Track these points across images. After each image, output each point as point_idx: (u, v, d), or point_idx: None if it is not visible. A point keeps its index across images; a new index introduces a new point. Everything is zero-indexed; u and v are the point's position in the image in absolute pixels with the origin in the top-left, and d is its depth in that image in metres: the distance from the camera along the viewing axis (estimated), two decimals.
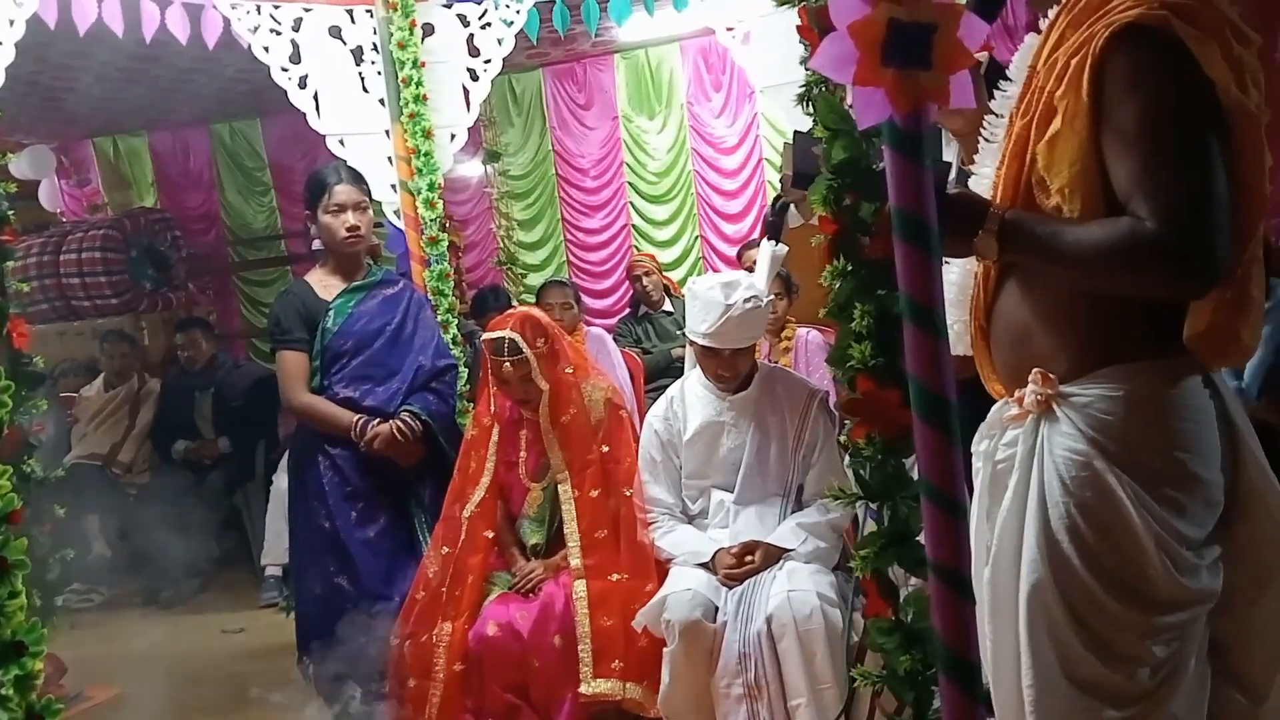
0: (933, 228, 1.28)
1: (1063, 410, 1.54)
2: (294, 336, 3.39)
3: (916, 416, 1.29)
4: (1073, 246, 1.49)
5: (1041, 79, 1.55)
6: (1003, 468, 1.62)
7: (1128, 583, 1.50)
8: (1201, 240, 1.42)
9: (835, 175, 1.76)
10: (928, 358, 1.28)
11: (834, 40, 1.23)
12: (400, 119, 3.95)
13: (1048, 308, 1.57)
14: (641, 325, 5.89)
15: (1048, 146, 1.51)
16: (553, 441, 3.15)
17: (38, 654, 1.92)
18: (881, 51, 1.22)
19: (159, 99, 6.55)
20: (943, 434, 1.29)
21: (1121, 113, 1.46)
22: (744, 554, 2.82)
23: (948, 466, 1.30)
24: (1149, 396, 1.52)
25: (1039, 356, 1.58)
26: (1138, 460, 1.51)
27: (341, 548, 3.27)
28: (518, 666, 2.95)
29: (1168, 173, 1.43)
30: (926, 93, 1.24)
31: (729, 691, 2.65)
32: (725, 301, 2.85)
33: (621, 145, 7.29)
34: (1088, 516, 1.51)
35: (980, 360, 1.70)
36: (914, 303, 1.28)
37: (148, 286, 6.97)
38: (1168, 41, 1.43)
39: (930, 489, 1.29)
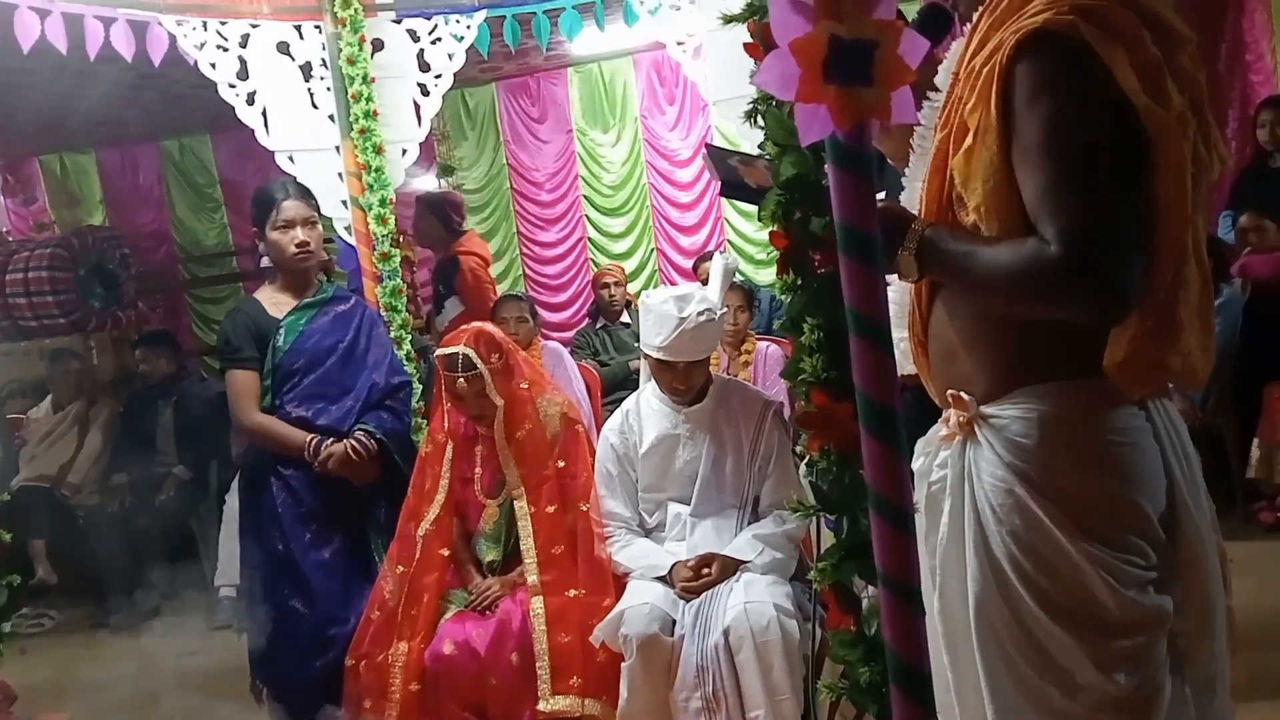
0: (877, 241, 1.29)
1: (983, 433, 1.49)
2: (244, 355, 3.34)
3: (863, 429, 1.29)
4: (982, 268, 1.43)
5: (960, 88, 1.48)
6: (936, 489, 1.57)
7: (1074, 609, 1.44)
8: (1103, 265, 1.34)
9: (785, 190, 1.77)
10: (874, 371, 1.29)
11: (777, 57, 1.24)
12: (351, 134, 3.93)
13: (970, 327, 1.52)
14: (599, 336, 5.89)
15: (963, 161, 1.45)
16: (508, 457, 3.13)
17: None
18: (823, 68, 1.23)
19: (106, 115, 6.47)
20: (889, 446, 1.29)
21: (1026, 127, 1.38)
22: (701, 566, 2.83)
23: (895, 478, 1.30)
24: (1065, 418, 1.45)
25: (962, 377, 1.54)
26: (1059, 485, 1.44)
27: (296, 570, 3.22)
28: (475, 685, 2.92)
29: (1069, 193, 1.36)
30: (868, 109, 1.25)
31: (687, 705, 2.65)
32: (679, 315, 2.86)
33: (576, 158, 7.30)
34: (1021, 545, 1.45)
35: (923, 378, 1.65)
36: (859, 316, 1.29)
37: (96, 305, 6.84)
38: (1075, 49, 1.35)
39: (878, 501, 1.29)
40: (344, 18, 3.89)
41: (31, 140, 7.25)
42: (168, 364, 6.16)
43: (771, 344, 4.35)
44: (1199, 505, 1.52)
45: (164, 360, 6.15)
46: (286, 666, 3.20)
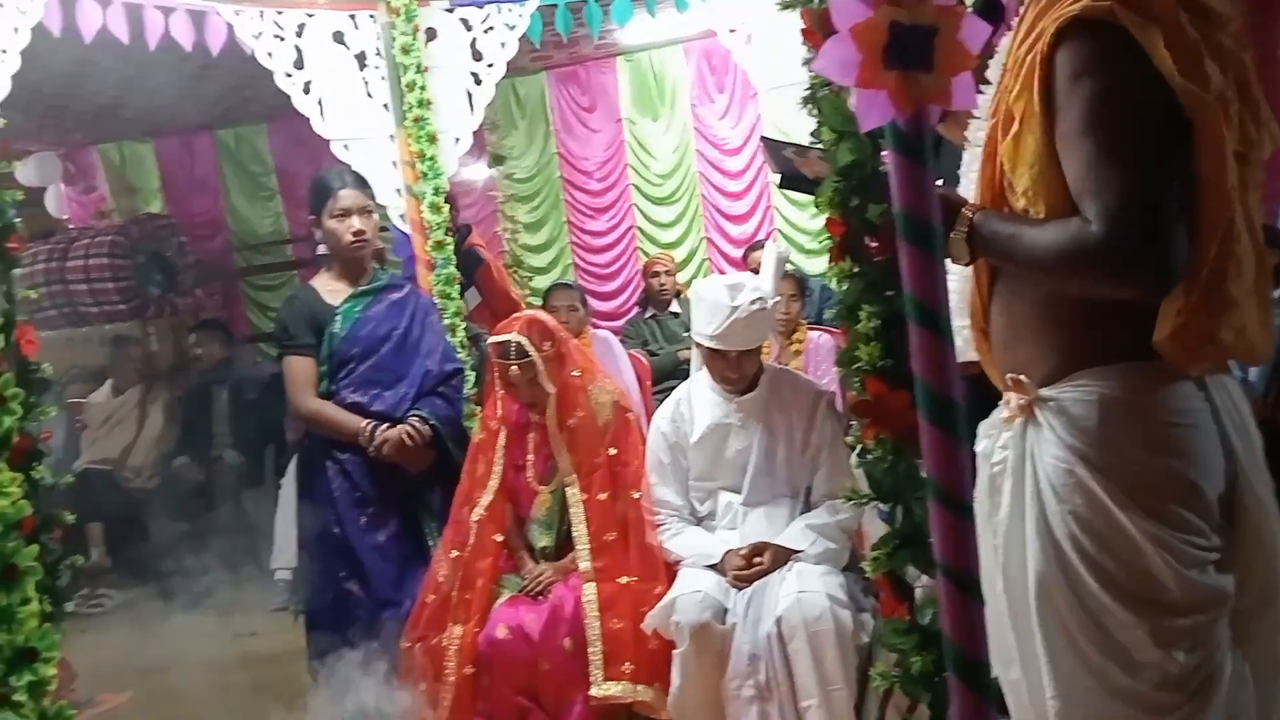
0: (937, 229, 1.29)
1: (1043, 415, 1.52)
2: (301, 342, 3.40)
3: (923, 418, 1.29)
4: (1028, 249, 1.47)
5: (1007, 78, 1.53)
6: (998, 470, 1.60)
7: (1134, 588, 1.46)
8: (1143, 242, 1.38)
9: (841, 177, 1.76)
10: (933, 359, 1.29)
11: (836, 43, 1.24)
12: (404, 124, 3.96)
13: (1030, 311, 1.55)
14: (649, 326, 5.90)
15: (1010, 147, 1.50)
16: (560, 445, 3.15)
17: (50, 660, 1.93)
18: (883, 54, 1.23)
19: (164, 105, 6.56)
20: (949, 435, 1.29)
21: (1067, 111, 1.43)
22: (753, 555, 2.82)
23: (955, 468, 1.30)
24: (1125, 399, 1.48)
25: (1023, 361, 1.56)
26: (1118, 465, 1.47)
27: (351, 553, 3.28)
28: (528, 669, 2.95)
29: (1108, 172, 1.40)
30: (928, 95, 1.25)
31: (739, 693, 2.66)
32: (731, 303, 2.86)
33: (626, 148, 7.30)
34: (1082, 524, 1.48)
35: (985, 362, 1.68)
36: (919, 304, 1.28)
37: (154, 292, 6.99)
38: (1112, 33, 1.39)
39: (937, 490, 1.29)
40: (398, 7, 3.91)
41: (91, 129, 7.38)
42: (221, 349, 6.29)
43: (823, 333, 4.33)
44: (1261, 484, 1.53)
45: (217, 346, 6.28)
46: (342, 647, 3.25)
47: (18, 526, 1.92)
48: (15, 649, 1.88)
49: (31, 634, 1.89)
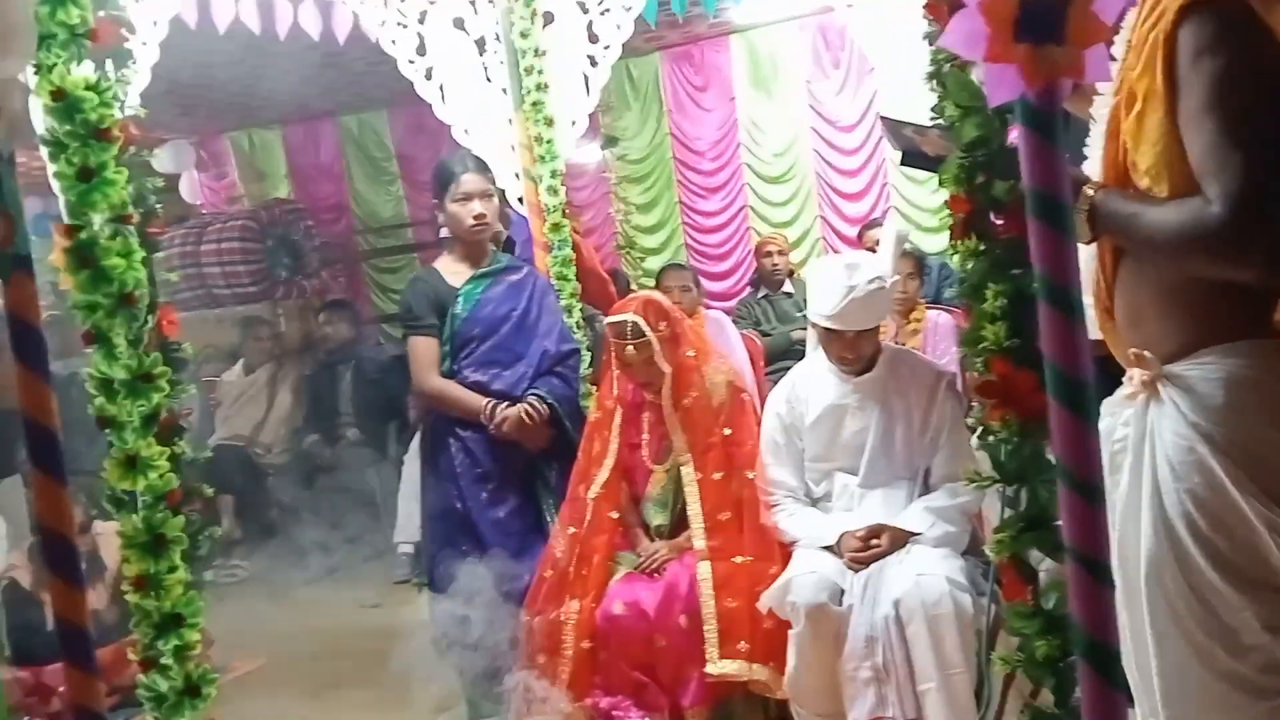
0: (1067, 206, 1.26)
1: (1166, 391, 1.51)
2: (425, 322, 3.49)
3: (1052, 399, 1.26)
4: (1148, 228, 1.47)
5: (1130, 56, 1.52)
6: (1119, 448, 1.60)
7: (1246, 570, 1.45)
8: (1262, 223, 1.37)
9: (967, 153, 1.73)
10: (1063, 339, 1.26)
11: (964, 17, 1.21)
12: (522, 107, 4.01)
13: (1156, 289, 1.54)
14: (761, 306, 5.87)
15: (1133, 126, 1.49)
16: (675, 424, 3.17)
17: (194, 625, 2.04)
18: (1013, 27, 1.20)
19: (291, 93, 6.78)
20: (1079, 417, 1.26)
21: (1189, 90, 1.42)
22: (870, 537, 2.80)
23: (1084, 450, 1.27)
24: (1251, 378, 1.47)
25: (1150, 339, 1.55)
26: (1240, 445, 1.46)
27: (473, 527, 3.37)
28: (644, 645, 2.99)
29: (1229, 153, 1.39)
30: (1060, 68, 1.21)
31: (856, 674, 2.65)
32: (848, 283, 2.83)
33: (738, 126, 7.25)
34: (1198, 503, 1.47)
35: (1110, 343, 1.67)
36: (1049, 282, 1.25)
37: (283, 275, 7.26)
38: (1235, 12, 1.39)
39: (1067, 474, 1.26)
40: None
41: (222, 118, 7.66)
42: (348, 329, 6.49)
43: (942, 312, 4.25)
44: None
45: (345, 325, 6.48)
46: (464, 619, 3.34)
47: (165, 498, 2.02)
48: (163, 614, 1.99)
49: (177, 600, 2.00)
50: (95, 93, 1.97)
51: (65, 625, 1.73)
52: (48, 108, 1.93)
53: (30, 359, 1.67)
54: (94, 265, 1.93)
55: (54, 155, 1.94)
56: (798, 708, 2.85)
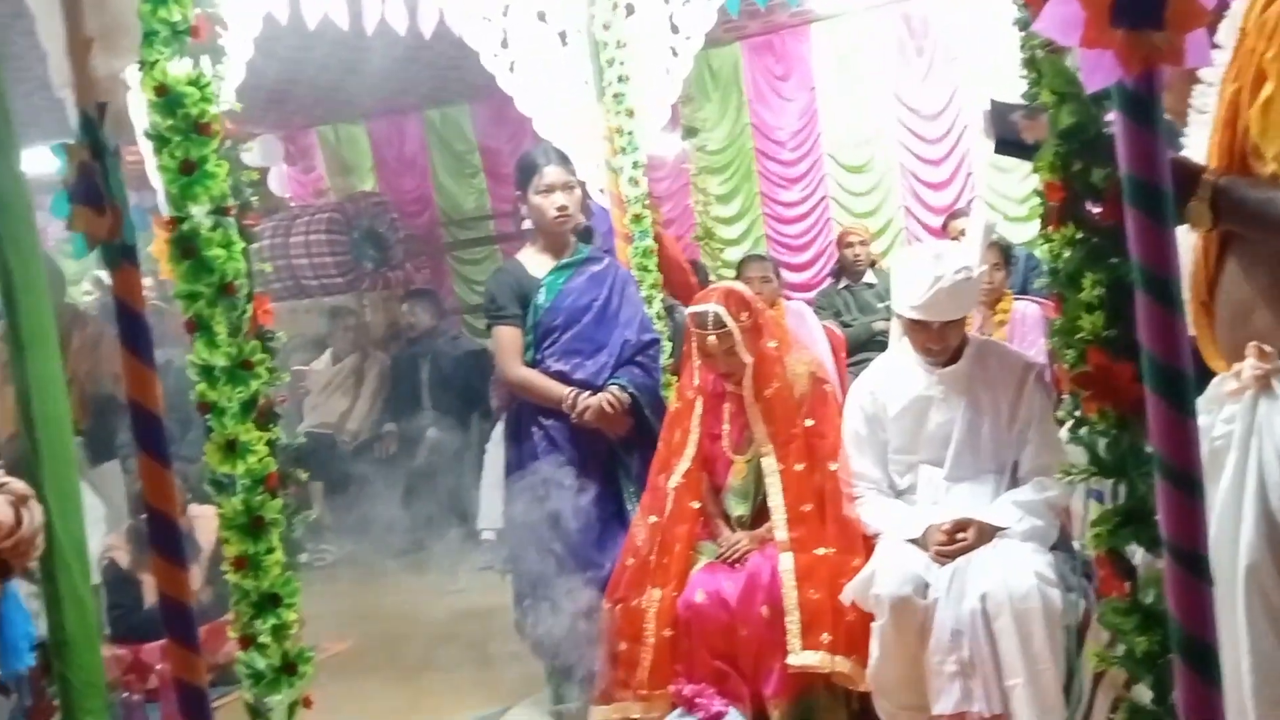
0: (1166, 193, 1.23)
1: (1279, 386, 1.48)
2: (509, 312, 3.54)
3: (1150, 390, 1.24)
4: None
5: (1251, 40, 1.47)
6: (1220, 445, 1.56)
7: None
8: None
9: (1062, 140, 1.70)
10: (1162, 329, 1.24)
11: (1060, 1, 1.19)
12: (604, 99, 4.03)
13: (1269, 281, 1.50)
14: (842, 297, 5.83)
15: (1261, 112, 1.44)
16: (756, 415, 3.16)
17: (291, 605, 2.10)
18: (1110, 11, 1.18)
19: (376, 88, 6.89)
20: (1178, 408, 1.24)
21: None
22: (956, 530, 2.76)
23: (1183, 442, 1.25)
24: None
25: (1260, 333, 1.51)
26: None
27: (555, 514, 3.40)
28: (726, 634, 2.99)
29: None
30: (1159, 53, 1.19)
31: (942, 668, 2.62)
32: (935, 273, 2.79)
33: (820, 116, 7.19)
34: None
35: (1202, 337, 1.64)
36: (1147, 272, 1.23)
37: (369, 266, 7.41)
38: None
39: (1165, 467, 1.24)
40: None
41: (309, 113, 7.83)
42: (431, 318, 6.60)
43: (1030, 304, 4.17)
44: None
45: (427, 315, 6.59)
46: (548, 606, 3.38)
47: (263, 482, 2.09)
48: (261, 594, 2.05)
49: (275, 581, 2.06)
50: (196, 88, 2.03)
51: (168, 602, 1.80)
52: (151, 103, 2.00)
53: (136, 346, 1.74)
54: (196, 256, 2.00)
55: (157, 149, 2.01)
56: (880, 700, 2.83)
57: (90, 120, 1.61)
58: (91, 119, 1.60)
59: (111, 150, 1.60)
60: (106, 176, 1.58)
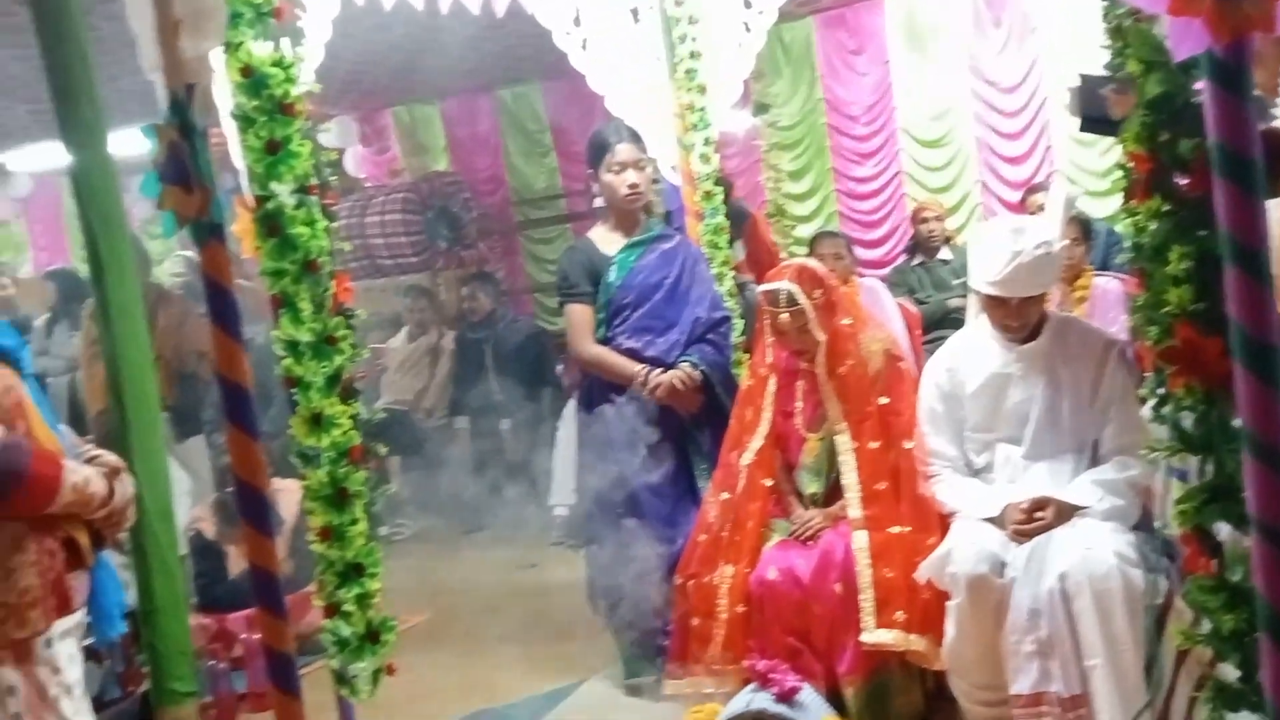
0: (1256, 164, 1.20)
1: None
2: (581, 290, 3.57)
3: (1238, 365, 1.22)
4: None
5: None
6: None
7: None
8: None
9: (1149, 110, 1.66)
10: (1251, 302, 1.21)
11: None
12: (675, 76, 4.02)
13: None
14: (916, 273, 5.75)
15: None
16: (830, 393, 3.15)
17: (374, 575, 2.16)
18: None
19: (450, 68, 6.95)
20: (1267, 383, 1.22)
21: None
22: (1034, 509, 2.71)
23: (1273, 417, 1.22)
24: None
25: None
26: None
27: (627, 491, 3.43)
28: (799, 611, 2.99)
29: None
30: (1249, 20, 1.16)
31: (1019, 648, 2.59)
32: (1014, 248, 2.74)
33: (893, 90, 7.09)
34: None
35: None
36: (1236, 243, 1.21)
37: (442, 245, 7.50)
38: None
39: (1254, 441, 1.22)
40: None
41: (384, 94, 7.91)
42: (489, 302, 6.66)
43: (1111, 279, 4.08)
44: None
45: (487, 299, 6.65)
46: (621, 581, 3.41)
47: (347, 454, 2.14)
48: (345, 564, 2.11)
49: (359, 551, 2.12)
50: (280, 69, 2.08)
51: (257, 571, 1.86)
52: (237, 84, 2.05)
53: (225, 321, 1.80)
54: (281, 234, 2.05)
55: (242, 129, 2.07)
56: (956, 680, 2.82)
57: (179, 101, 1.66)
58: (180, 100, 1.65)
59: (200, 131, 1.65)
60: (195, 156, 1.64)
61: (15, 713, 1.71)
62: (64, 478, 1.75)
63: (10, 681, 1.71)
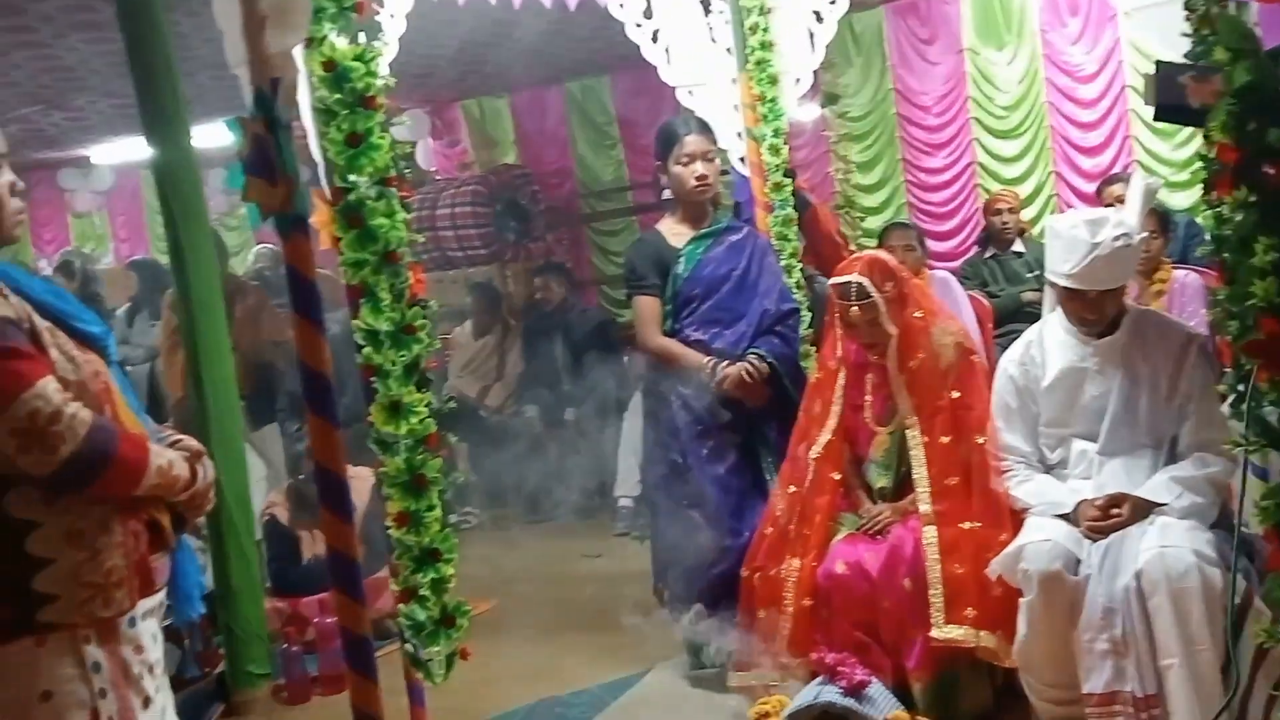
0: None
1: None
2: (648, 282, 3.58)
3: None
4: None
5: None
6: None
7: None
8: None
9: (1236, 99, 1.62)
10: None
11: None
12: (746, 67, 4.00)
13: None
14: (988, 266, 5.67)
15: None
16: (901, 386, 3.12)
17: (449, 560, 2.19)
18: None
19: (519, 61, 7.00)
20: None
21: None
22: (1109, 506, 2.66)
23: None
24: None
25: None
26: None
27: (694, 482, 3.44)
28: (866, 605, 2.97)
29: None
30: None
31: (1092, 646, 2.55)
32: (1091, 240, 2.69)
33: (967, 80, 6.98)
34: None
35: None
36: None
37: (510, 238, 7.56)
38: None
39: None
40: None
41: (455, 87, 7.99)
42: (561, 291, 6.71)
43: (1190, 273, 3.99)
44: None
45: (559, 288, 6.70)
46: (686, 573, 3.42)
47: (424, 441, 2.18)
48: (422, 549, 2.15)
49: (435, 536, 2.16)
50: (362, 63, 2.12)
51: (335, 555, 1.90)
52: (319, 78, 2.09)
53: (307, 311, 1.84)
54: (361, 225, 2.09)
55: (324, 122, 2.11)
56: (1027, 678, 2.78)
57: (264, 95, 1.70)
58: (266, 94, 1.69)
59: (284, 124, 1.69)
60: (280, 149, 1.67)
61: (100, 688, 1.74)
62: (150, 461, 1.78)
63: (96, 658, 1.74)
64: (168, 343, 5.19)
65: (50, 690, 1.69)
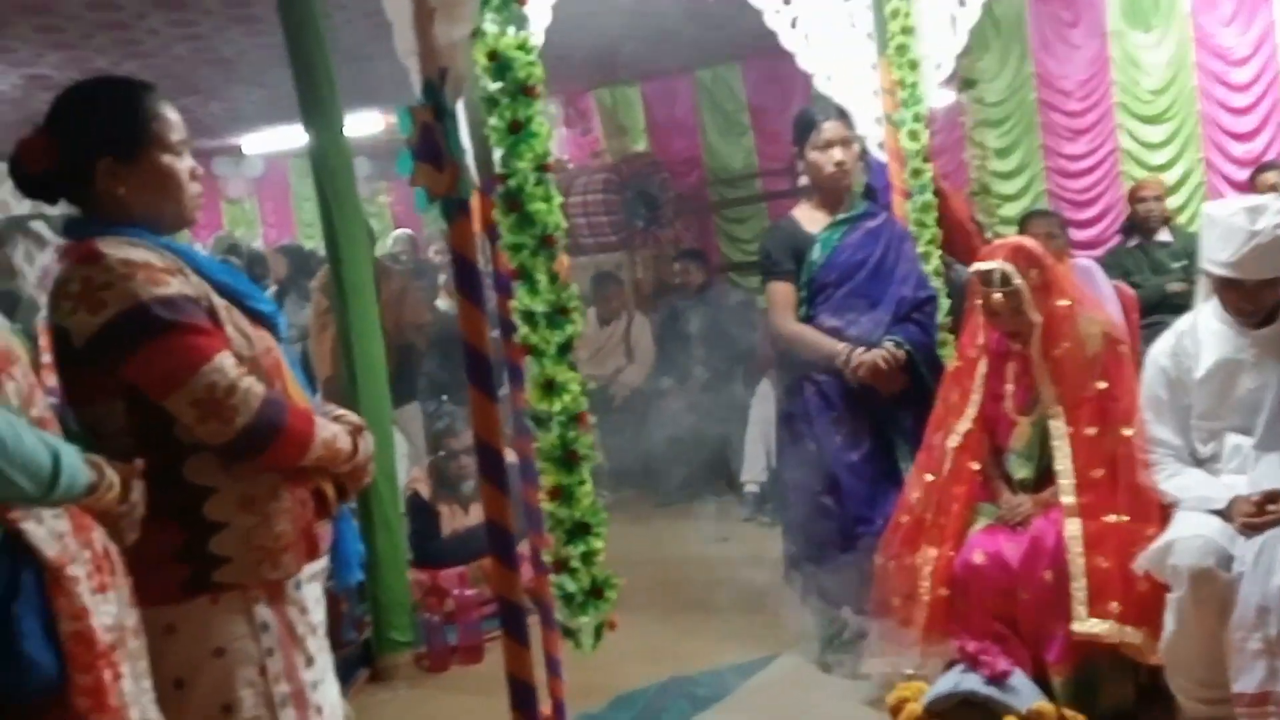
0: None
1: None
2: (783, 268, 3.58)
3: None
4: None
5: None
6: None
7: None
8: None
9: None
10: None
11: None
12: (886, 52, 3.97)
13: None
14: (1132, 255, 5.50)
15: None
16: (1044, 375, 3.06)
17: (599, 534, 2.26)
18: None
19: (650, 50, 7.05)
20: None
21: None
22: (1266, 502, 2.58)
23: None
24: None
25: None
26: None
27: (827, 469, 3.44)
28: (1005, 597, 2.94)
29: None
30: None
31: (1245, 646, 2.48)
32: (1250, 228, 2.61)
33: (1111, 64, 6.76)
34: None
35: None
36: None
37: (640, 225, 7.63)
38: None
39: None
40: None
41: (587, 76, 8.09)
42: (700, 276, 6.75)
43: None
44: None
45: (698, 273, 6.74)
46: (818, 559, 3.43)
47: (577, 418, 2.25)
48: (574, 523, 2.22)
49: (586, 510, 2.23)
50: (524, 52, 2.19)
51: (493, 526, 1.98)
52: (484, 67, 2.17)
53: (470, 292, 1.92)
54: (521, 210, 2.16)
55: (487, 111, 2.19)
56: (1173, 675, 2.71)
57: (432, 85, 1.78)
58: (434, 84, 1.77)
59: (451, 113, 1.76)
60: (447, 137, 1.75)
61: (268, 647, 1.84)
62: (316, 433, 1.87)
63: (265, 618, 1.84)
64: (317, 323, 5.40)
65: (223, 647, 1.79)
